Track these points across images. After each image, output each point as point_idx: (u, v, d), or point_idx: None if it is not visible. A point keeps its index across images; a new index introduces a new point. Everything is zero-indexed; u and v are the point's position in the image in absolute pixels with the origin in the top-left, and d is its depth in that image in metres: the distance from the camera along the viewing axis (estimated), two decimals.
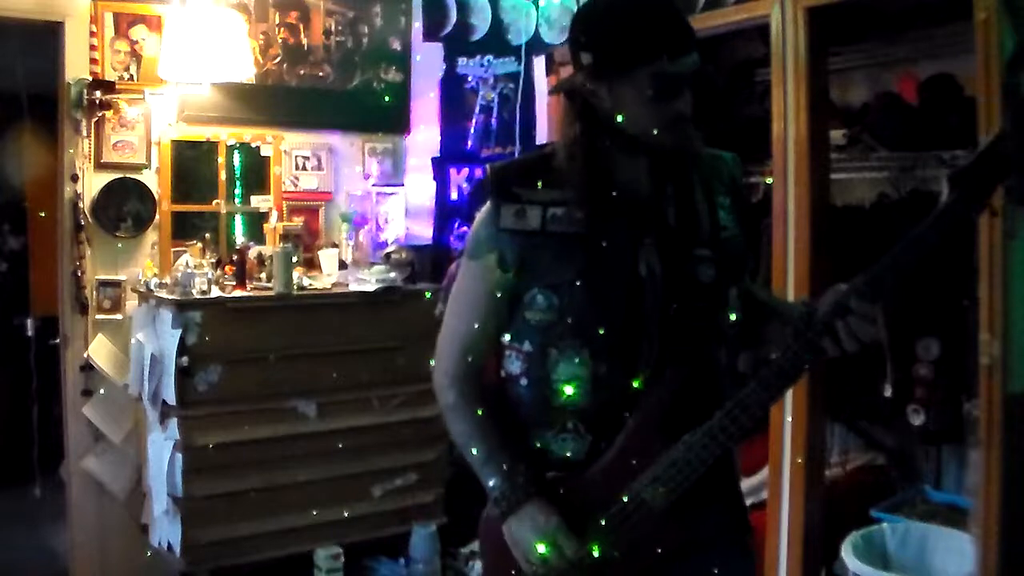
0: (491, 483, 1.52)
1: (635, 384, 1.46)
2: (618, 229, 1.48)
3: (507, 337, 1.55)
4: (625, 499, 1.45)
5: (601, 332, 1.46)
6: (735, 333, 1.56)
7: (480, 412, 1.55)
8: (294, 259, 3.52)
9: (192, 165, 3.89)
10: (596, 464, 1.48)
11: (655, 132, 1.46)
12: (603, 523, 1.47)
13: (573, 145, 1.49)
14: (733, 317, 1.55)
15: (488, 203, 1.53)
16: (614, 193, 1.49)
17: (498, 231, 1.51)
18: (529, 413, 1.53)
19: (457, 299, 1.60)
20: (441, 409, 1.60)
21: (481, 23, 4.01)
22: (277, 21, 3.94)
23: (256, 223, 3.91)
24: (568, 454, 1.50)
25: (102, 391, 3.61)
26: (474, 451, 1.54)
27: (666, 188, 1.52)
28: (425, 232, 4.17)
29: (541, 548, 1.45)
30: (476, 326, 1.56)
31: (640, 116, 1.45)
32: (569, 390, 1.48)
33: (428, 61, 4.20)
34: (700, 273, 1.49)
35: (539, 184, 1.50)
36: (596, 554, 1.46)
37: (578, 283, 1.46)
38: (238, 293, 3.45)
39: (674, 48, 1.43)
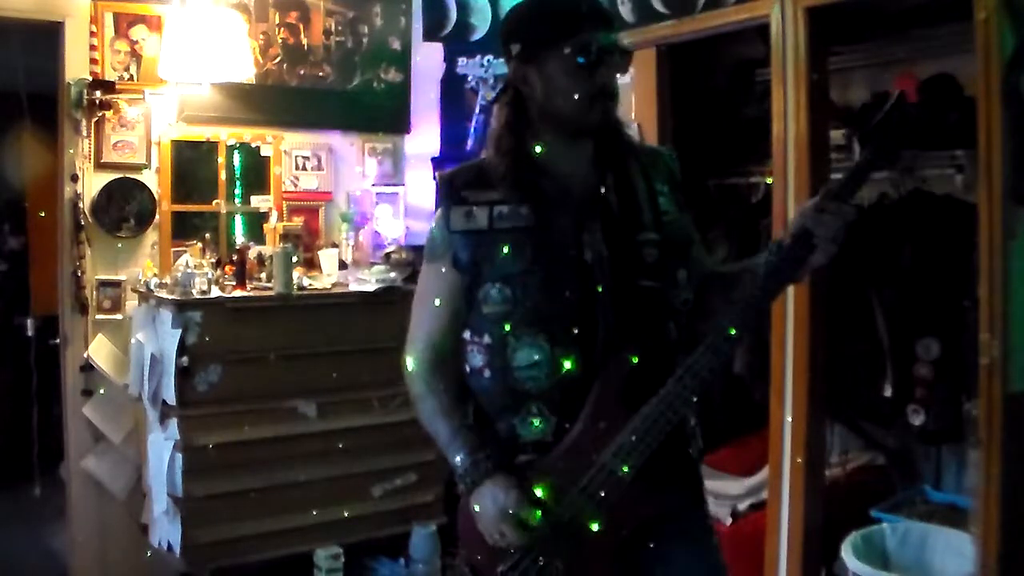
0: (456, 460, 1.61)
1: (593, 363, 1.55)
2: (563, 219, 1.58)
3: (467, 333, 1.64)
4: (593, 472, 1.53)
5: (555, 317, 1.56)
6: (687, 310, 1.65)
7: (445, 398, 1.65)
8: (294, 259, 3.51)
9: (192, 165, 3.88)
10: (562, 443, 1.57)
11: (580, 106, 1.56)
12: (574, 497, 1.54)
13: (501, 132, 1.63)
14: (684, 296, 1.64)
15: (440, 209, 1.66)
16: (552, 184, 1.60)
17: (450, 233, 1.63)
18: (495, 403, 1.62)
19: (420, 300, 1.71)
20: (412, 401, 1.72)
21: (481, 23, 4.00)
22: (277, 21, 3.94)
23: (256, 223, 3.90)
24: (536, 437, 1.59)
25: (102, 391, 3.61)
26: (440, 433, 1.65)
27: (606, 177, 1.62)
28: (425, 232, 4.16)
29: (506, 516, 1.53)
30: (438, 323, 1.67)
31: (565, 90, 1.56)
32: (530, 376, 1.56)
33: (428, 61, 4.20)
34: (645, 255, 1.59)
35: (484, 186, 1.62)
36: (571, 522, 1.54)
37: (529, 273, 1.56)
38: (238, 293, 3.45)
39: (592, 22, 1.57)
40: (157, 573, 3.46)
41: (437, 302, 1.66)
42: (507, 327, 1.58)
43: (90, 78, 3.53)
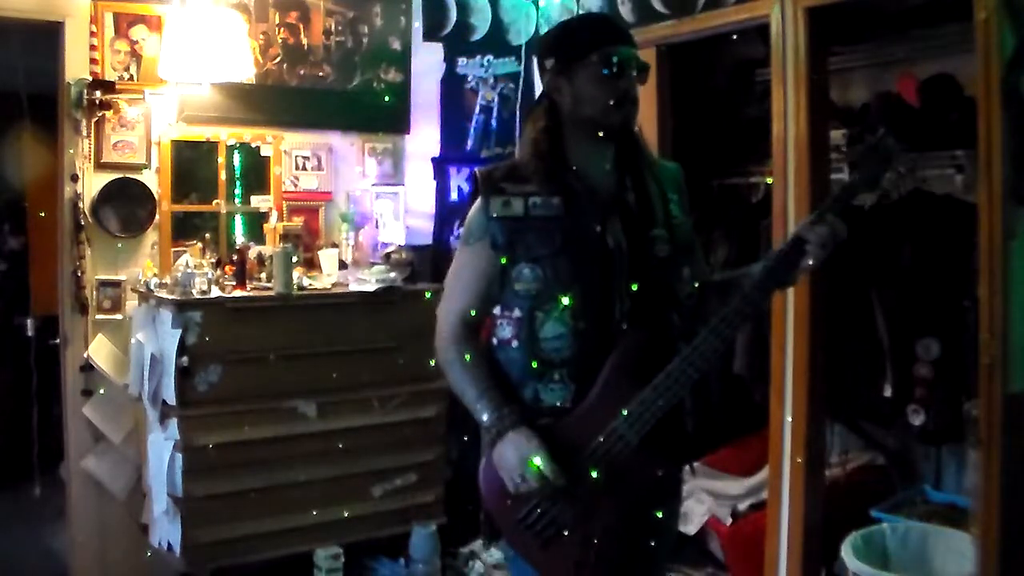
0: (483, 418, 1.78)
1: (610, 338, 1.75)
2: (589, 212, 1.80)
3: (498, 309, 1.84)
4: (605, 434, 1.72)
5: (579, 295, 1.76)
6: (691, 304, 1.86)
7: (474, 364, 1.83)
8: (294, 259, 3.51)
9: (192, 165, 3.88)
10: (579, 408, 1.76)
11: (605, 109, 1.79)
12: (587, 455, 1.72)
13: (538, 136, 1.83)
14: (688, 291, 1.86)
15: (479, 199, 1.85)
16: (579, 182, 1.81)
17: (489, 220, 1.82)
18: (521, 370, 1.80)
19: (455, 278, 1.90)
20: (442, 367, 1.88)
21: (481, 23, 4.00)
22: (277, 21, 3.94)
23: (256, 223, 3.90)
24: (557, 402, 1.78)
25: (102, 391, 3.61)
26: (468, 393, 1.81)
27: (626, 180, 1.85)
28: (425, 232, 4.17)
29: (526, 464, 1.70)
30: (471, 299, 1.85)
31: (593, 95, 1.79)
32: (554, 347, 1.76)
33: (428, 61, 4.20)
34: (657, 249, 1.82)
35: (520, 180, 1.82)
36: (583, 477, 1.71)
37: (558, 256, 1.77)
38: (238, 293, 3.45)
39: (617, 38, 1.83)
40: (157, 573, 3.46)
41: (473, 280, 1.85)
42: (536, 302, 1.77)
43: (90, 78, 3.52)
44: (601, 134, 1.83)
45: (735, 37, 3.37)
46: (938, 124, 3.02)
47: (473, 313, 1.86)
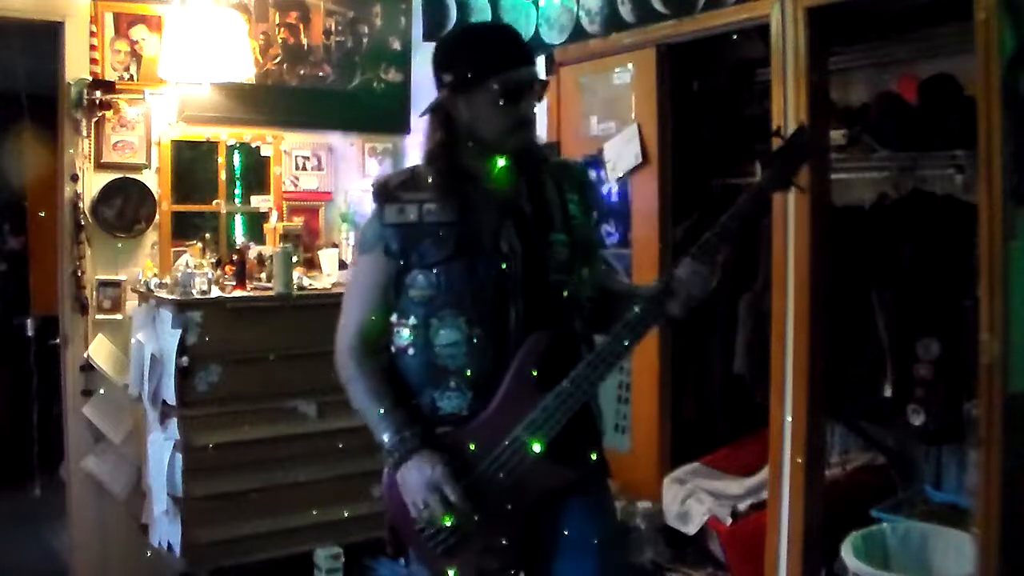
0: (385, 439, 1.76)
1: (505, 345, 1.74)
2: (482, 217, 1.78)
3: (395, 316, 1.83)
4: (506, 443, 1.71)
5: (473, 302, 1.75)
6: (591, 307, 1.85)
7: (374, 380, 1.81)
8: (294, 259, 3.51)
9: (192, 165, 3.88)
10: (479, 416, 1.74)
11: (503, 134, 1.77)
12: (488, 466, 1.72)
13: (435, 151, 1.79)
14: (587, 293, 1.85)
15: (374, 207, 1.84)
16: (474, 188, 1.79)
17: (383, 227, 1.81)
18: (417, 377, 1.79)
19: (352, 288, 1.91)
20: (343, 383, 1.86)
21: None
22: (277, 21, 3.94)
23: (256, 223, 3.91)
24: (453, 409, 1.76)
25: (102, 391, 3.61)
26: (370, 413, 1.79)
27: (520, 184, 1.82)
28: None
29: (430, 491, 1.69)
30: (369, 308, 1.84)
31: (491, 120, 1.76)
32: (449, 353, 1.75)
33: (428, 61, 4.19)
34: (556, 252, 1.79)
35: (416, 188, 1.80)
36: (485, 488, 1.71)
37: (452, 261, 1.75)
38: (238, 293, 3.45)
39: (515, 61, 1.77)
40: (157, 573, 3.46)
41: (368, 290, 1.83)
42: (431, 309, 1.76)
43: (90, 78, 3.53)
44: (496, 153, 1.81)
45: (735, 37, 3.37)
46: (938, 124, 3.02)
47: (370, 324, 1.83)
